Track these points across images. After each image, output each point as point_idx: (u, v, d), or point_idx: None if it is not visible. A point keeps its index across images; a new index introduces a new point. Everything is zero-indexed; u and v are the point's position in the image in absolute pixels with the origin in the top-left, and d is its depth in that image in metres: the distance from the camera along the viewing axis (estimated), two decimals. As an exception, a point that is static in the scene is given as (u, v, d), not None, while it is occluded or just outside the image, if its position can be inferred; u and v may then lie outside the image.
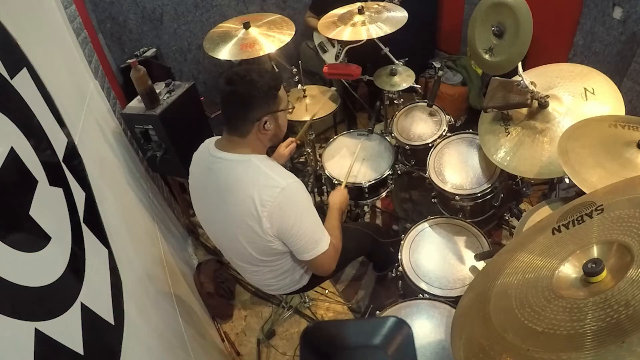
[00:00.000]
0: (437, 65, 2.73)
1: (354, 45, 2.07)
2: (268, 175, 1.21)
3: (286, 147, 1.74)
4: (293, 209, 1.22)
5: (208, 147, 1.33)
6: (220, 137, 1.34)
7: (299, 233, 1.24)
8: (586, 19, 2.13)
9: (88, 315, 0.85)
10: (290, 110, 1.38)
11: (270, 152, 1.53)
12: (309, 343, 1.00)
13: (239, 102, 1.22)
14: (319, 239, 1.29)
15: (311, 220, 1.27)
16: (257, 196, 1.19)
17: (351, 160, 1.98)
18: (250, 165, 1.23)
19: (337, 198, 1.60)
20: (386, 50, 2.10)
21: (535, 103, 1.49)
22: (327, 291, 2.16)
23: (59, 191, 0.96)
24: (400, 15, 2.02)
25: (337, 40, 2.65)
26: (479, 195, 1.72)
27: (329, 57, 2.79)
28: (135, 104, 1.84)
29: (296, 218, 1.22)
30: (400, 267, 1.54)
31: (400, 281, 1.61)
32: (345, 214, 2.27)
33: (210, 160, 1.29)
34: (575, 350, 0.61)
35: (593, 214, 0.82)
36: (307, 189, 1.49)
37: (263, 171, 1.22)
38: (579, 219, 0.84)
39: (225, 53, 1.92)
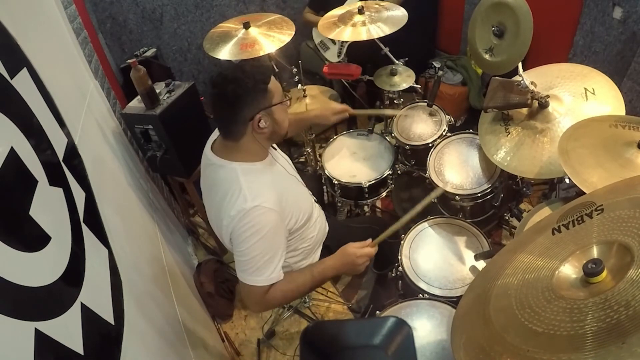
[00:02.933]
0: (437, 65, 2.73)
1: (355, 40, 2.05)
2: (242, 191, 1.17)
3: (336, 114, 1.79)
4: (245, 229, 1.17)
5: (206, 146, 1.34)
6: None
7: (240, 251, 1.20)
8: (586, 19, 2.12)
9: (88, 315, 0.85)
10: (287, 103, 1.28)
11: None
12: (309, 343, 1.00)
13: (226, 104, 1.17)
14: (251, 270, 1.20)
15: (256, 248, 1.18)
16: (230, 208, 1.17)
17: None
18: (231, 177, 1.21)
19: (351, 257, 1.34)
20: (386, 50, 2.10)
21: (536, 103, 1.49)
22: (327, 291, 2.16)
23: (59, 191, 0.96)
24: (400, 15, 2.02)
25: (338, 37, 2.64)
26: (479, 195, 1.71)
27: (331, 55, 2.77)
28: (135, 104, 1.84)
29: (244, 239, 1.17)
30: (400, 267, 1.54)
31: (400, 281, 1.60)
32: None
33: (206, 161, 1.31)
34: (575, 350, 0.61)
35: (593, 214, 0.82)
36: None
37: (239, 186, 1.18)
38: (579, 219, 0.84)
39: (225, 53, 1.92)
